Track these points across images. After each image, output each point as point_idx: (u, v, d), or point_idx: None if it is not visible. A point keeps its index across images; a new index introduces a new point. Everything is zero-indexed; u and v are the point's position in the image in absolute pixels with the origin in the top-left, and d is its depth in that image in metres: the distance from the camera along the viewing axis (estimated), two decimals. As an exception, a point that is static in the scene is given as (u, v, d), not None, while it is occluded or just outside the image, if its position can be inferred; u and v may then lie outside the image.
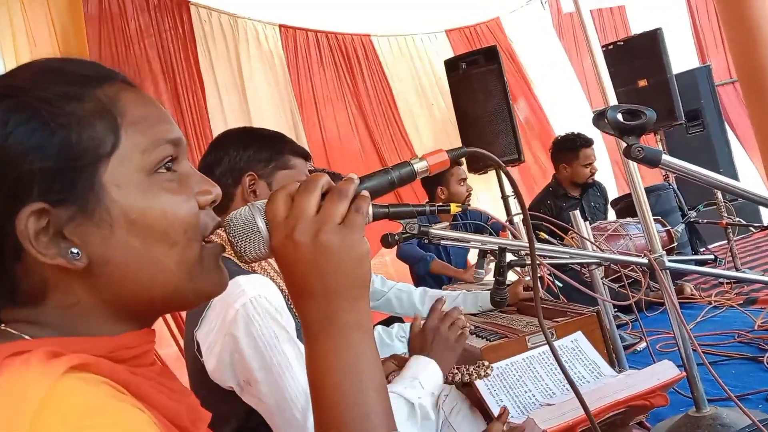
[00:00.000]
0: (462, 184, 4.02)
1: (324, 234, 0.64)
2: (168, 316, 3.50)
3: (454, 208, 1.45)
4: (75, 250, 0.57)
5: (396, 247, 4.05)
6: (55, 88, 0.59)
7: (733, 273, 1.69)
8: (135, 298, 0.61)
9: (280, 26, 5.11)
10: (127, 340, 0.62)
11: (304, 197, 0.66)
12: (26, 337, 0.58)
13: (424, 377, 1.45)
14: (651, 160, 0.98)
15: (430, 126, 5.79)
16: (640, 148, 0.96)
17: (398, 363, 1.69)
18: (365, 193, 0.70)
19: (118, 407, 0.50)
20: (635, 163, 1.70)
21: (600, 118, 1.00)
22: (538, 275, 2.04)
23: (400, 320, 2.82)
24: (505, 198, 4.81)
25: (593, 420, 1.04)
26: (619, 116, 0.96)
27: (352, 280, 0.66)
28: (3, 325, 0.60)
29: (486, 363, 1.66)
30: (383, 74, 5.65)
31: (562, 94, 6.13)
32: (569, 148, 4.20)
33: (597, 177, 4.25)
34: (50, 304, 0.60)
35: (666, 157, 0.99)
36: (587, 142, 4.16)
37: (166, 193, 0.62)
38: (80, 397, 0.49)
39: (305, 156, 1.61)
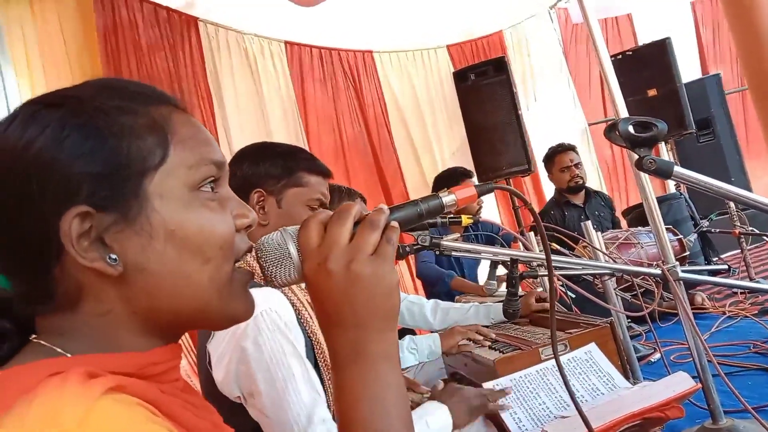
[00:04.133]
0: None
1: (357, 264, 0.65)
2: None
3: (466, 220, 1.45)
4: (113, 256, 0.59)
5: (415, 267, 4.06)
6: (112, 102, 0.61)
7: (748, 283, 1.67)
8: (165, 309, 0.62)
9: (286, 42, 5.17)
10: (156, 356, 0.63)
11: (337, 226, 0.67)
12: (58, 350, 0.59)
13: (433, 419, 1.45)
14: (663, 172, 0.98)
15: (430, 140, 5.82)
16: (652, 160, 0.96)
17: (407, 385, 1.69)
18: (395, 223, 0.71)
19: (153, 429, 0.51)
20: (647, 176, 1.70)
21: (611, 130, 1.00)
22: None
23: (412, 332, 2.81)
24: (516, 209, 4.80)
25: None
26: (631, 128, 0.96)
27: (382, 311, 0.67)
28: (35, 336, 0.61)
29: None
30: (384, 89, 5.72)
31: (557, 107, 6.16)
32: (547, 157, 4.46)
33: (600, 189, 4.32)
34: (83, 312, 0.61)
35: (678, 169, 0.99)
36: (561, 148, 4.38)
37: (206, 210, 0.63)
38: (116, 421, 0.49)
39: (323, 173, 1.58)
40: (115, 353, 0.60)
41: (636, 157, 0.99)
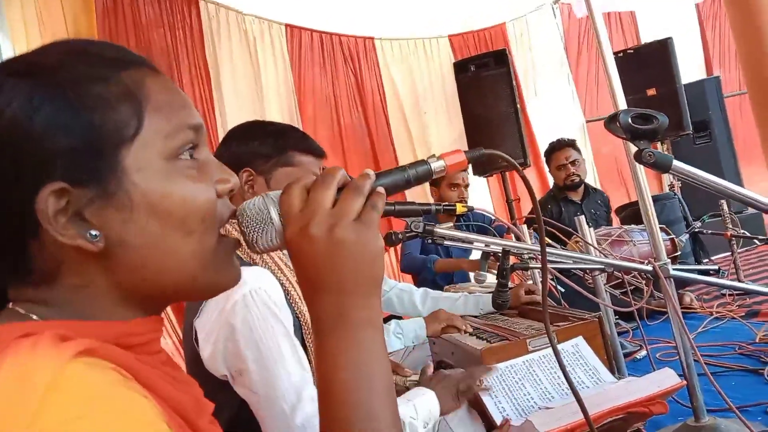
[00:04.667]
0: (454, 189, 3.91)
1: (339, 229, 0.63)
2: (168, 309, 3.50)
3: (460, 208, 1.45)
4: (94, 232, 0.57)
5: (398, 261, 4.05)
6: (81, 69, 0.59)
7: (738, 284, 1.68)
8: (148, 283, 0.61)
9: (286, 25, 5.13)
10: (135, 327, 0.62)
11: (320, 191, 0.65)
12: (34, 317, 0.58)
13: (420, 402, 1.44)
14: (661, 165, 0.98)
15: (428, 130, 5.81)
16: (650, 153, 0.96)
17: (392, 367, 1.69)
18: (381, 189, 0.69)
19: (125, 395, 0.49)
20: (643, 172, 1.70)
21: (612, 122, 0.99)
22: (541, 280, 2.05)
23: (399, 319, 2.81)
24: (509, 202, 4.82)
25: (592, 425, 1.04)
26: (631, 120, 0.96)
27: (365, 277, 0.65)
28: (11, 303, 0.60)
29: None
30: (384, 77, 5.70)
31: (556, 103, 6.15)
32: (547, 152, 4.44)
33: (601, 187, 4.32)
34: (62, 285, 0.59)
35: (676, 163, 0.99)
36: (559, 144, 4.34)
37: (186, 180, 0.62)
38: (87, 383, 0.48)
39: (315, 153, 1.53)
40: (92, 321, 0.59)
41: (635, 149, 0.99)
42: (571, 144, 4.34)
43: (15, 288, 0.60)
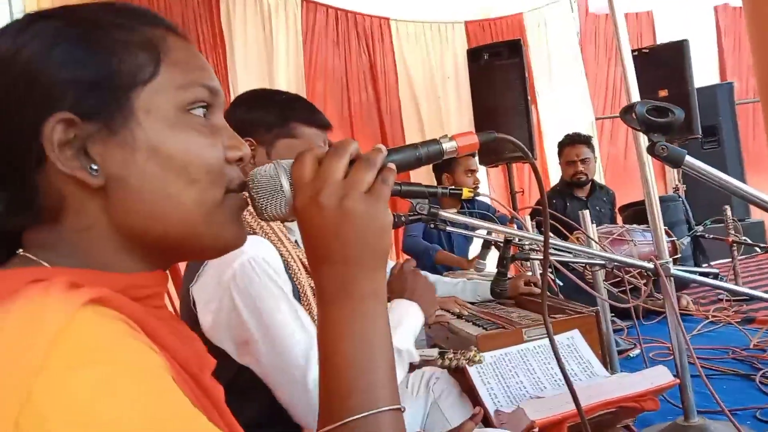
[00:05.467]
0: (469, 175, 3.99)
1: (349, 200, 0.63)
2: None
3: (467, 192, 1.44)
4: (95, 167, 0.58)
5: (402, 241, 4.06)
6: (109, 17, 0.61)
7: (738, 287, 1.68)
8: (148, 229, 0.61)
9: (303, 0, 5.09)
10: (140, 279, 0.62)
11: (332, 161, 0.65)
12: (44, 263, 0.58)
13: (408, 322, 1.44)
14: (674, 160, 0.97)
15: (438, 114, 5.78)
16: (664, 146, 0.96)
17: None
18: (392, 165, 0.69)
19: (133, 345, 0.50)
20: (651, 170, 1.70)
21: (627, 112, 0.99)
22: (540, 272, 2.05)
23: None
24: (513, 194, 4.81)
25: (583, 415, 1.04)
26: (647, 112, 0.95)
27: (373, 249, 0.65)
28: (22, 250, 0.60)
29: (477, 349, 1.66)
30: (397, 58, 5.67)
31: (567, 97, 6.12)
32: (559, 145, 4.39)
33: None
34: (66, 226, 0.60)
35: (689, 158, 0.98)
36: (571, 140, 4.29)
37: (194, 132, 0.62)
38: (96, 332, 0.49)
39: (320, 125, 1.49)
40: (99, 270, 0.59)
41: (648, 141, 0.98)
42: (585, 141, 4.29)
43: (26, 232, 0.61)
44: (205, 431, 0.49)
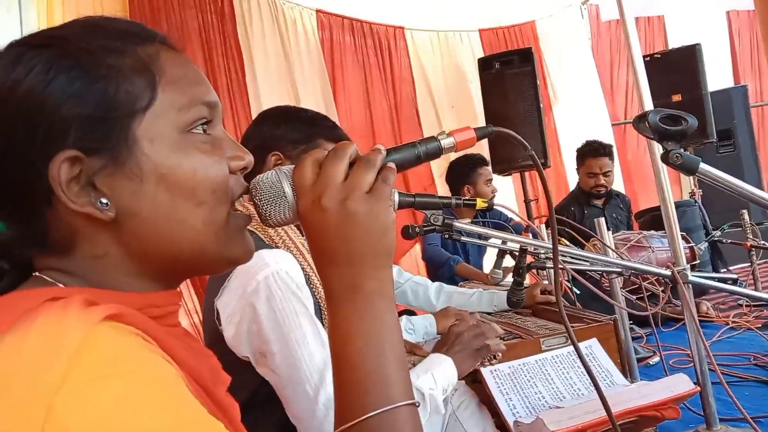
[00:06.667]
0: (488, 184, 4.03)
1: (351, 201, 0.65)
2: (185, 289, 3.54)
3: (481, 203, 1.45)
4: (104, 201, 0.59)
5: (421, 249, 4.07)
6: (98, 42, 0.60)
7: (758, 293, 1.66)
8: (161, 254, 0.62)
9: (317, 11, 5.13)
10: (154, 299, 0.63)
11: (332, 164, 0.67)
12: (60, 284, 0.59)
13: (438, 372, 1.45)
14: (688, 168, 0.97)
15: (457, 122, 5.77)
16: (678, 154, 0.96)
17: (409, 348, 1.70)
18: (392, 164, 0.70)
19: (150, 357, 0.51)
20: (666, 177, 1.69)
21: (640, 121, 0.99)
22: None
23: (410, 313, 2.82)
24: (527, 202, 4.79)
25: (614, 420, 1.03)
26: (660, 120, 0.95)
27: (377, 248, 0.66)
28: (36, 273, 0.61)
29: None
30: (414, 66, 5.67)
31: (583, 103, 6.10)
32: (580, 153, 4.32)
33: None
34: (79, 255, 0.61)
35: (704, 166, 0.98)
36: (595, 152, 4.20)
37: (198, 152, 0.63)
38: (114, 345, 0.50)
39: (342, 140, 1.56)
40: (114, 291, 0.60)
41: (661, 151, 0.98)
42: (608, 153, 4.23)
43: (39, 257, 0.61)
44: None
